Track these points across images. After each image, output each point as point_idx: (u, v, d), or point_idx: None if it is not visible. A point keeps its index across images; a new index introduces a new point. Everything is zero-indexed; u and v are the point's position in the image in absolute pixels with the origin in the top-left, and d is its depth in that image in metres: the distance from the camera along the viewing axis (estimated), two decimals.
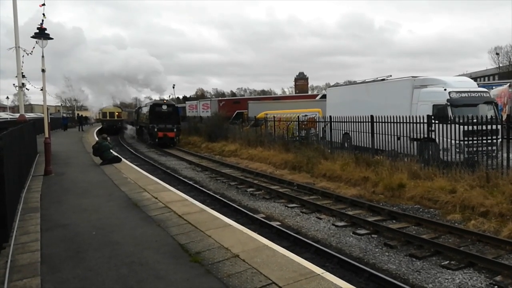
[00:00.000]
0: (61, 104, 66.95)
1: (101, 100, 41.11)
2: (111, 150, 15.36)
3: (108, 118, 43.76)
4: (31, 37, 12.44)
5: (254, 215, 9.28)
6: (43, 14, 12.43)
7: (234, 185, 13.41)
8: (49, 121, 14.64)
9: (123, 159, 15.69)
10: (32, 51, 13.13)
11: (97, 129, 39.89)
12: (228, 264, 4.89)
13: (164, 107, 27.69)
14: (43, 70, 12.95)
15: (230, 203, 10.54)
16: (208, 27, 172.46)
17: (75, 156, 17.58)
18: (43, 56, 12.77)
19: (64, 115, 53.86)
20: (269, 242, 5.69)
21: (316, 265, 4.97)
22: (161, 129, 26.80)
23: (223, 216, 7.22)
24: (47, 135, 13.41)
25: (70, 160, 15.84)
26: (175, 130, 27.43)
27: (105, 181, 11.11)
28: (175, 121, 27.76)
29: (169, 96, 28.65)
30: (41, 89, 13.52)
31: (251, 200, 11.22)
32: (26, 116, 16.33)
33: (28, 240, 5.97)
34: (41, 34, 12.31)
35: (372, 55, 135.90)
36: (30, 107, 76.37)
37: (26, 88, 18.34)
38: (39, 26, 12.26)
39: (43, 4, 12.47)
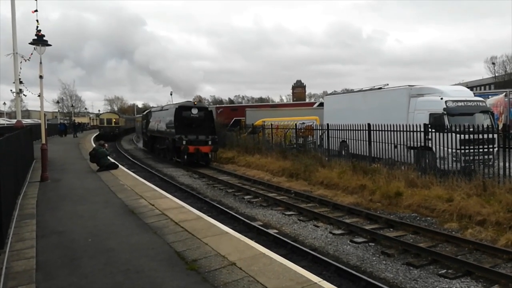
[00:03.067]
0: (58, 110, 66.95)
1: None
2: (108, 157, 15.31)
3: (105, 124, 43.72)
4: (29, 43, 12.47)
5: (251, 223, 9.25)
6: (37, 21, 12.48)
7: (231, 192, 13.38)
8: (46, 127, 14.60)
9: (120, 165, 15.65)
10: (30, 58, 13.17)
11: (94, 135, 39.79)
12: (224, 272, 4.86)
13: (195, 111, 20.42)
14: (40, 77, 12.96)
15: (227, 211, 10.50)
16: (196, 35, 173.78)
17: (72, 162, 17.51)
18: (41, 63, 12.79)
19: (62, 121, 53.72)
20: (266, 250, 5.67)
21: (313, 274, 4.95)
22: (192, 141, 19.66)
23: (220, 224, 7.19)
24: (43, 141, 13.37)
25: (66, 167, 15.77)
26: (210, 142, 20.21)
27: (101, 188, 11.06)
28: (209, 130, 20.70)
29: (167, 103, 26.12)
30: (39, 95, 13.52)
31: (248, 208, 11.18)
32: (23, 122, 16.30)
33: (23, 247, 5.92)
34: (39, 40, 12.33)
35: (364, 64, 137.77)
36: (27, 113, 76.29)
37: (24, 94, 18.38)
38: (37, 32, 12.29)
39: (36, 10, 12.53)
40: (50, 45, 12.68)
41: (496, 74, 56.91)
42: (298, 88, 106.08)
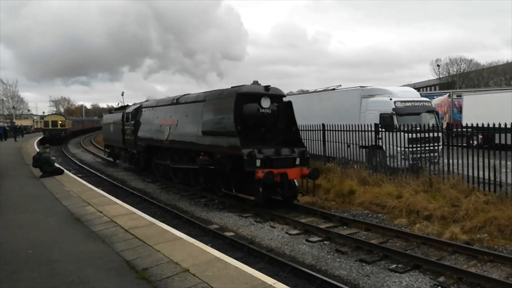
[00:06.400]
0: None
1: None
2: (52, 161, 14.42)
3: (50, 127, 41.16)
4: None
5: (207, 226, 9.06)
6: None
7: (186, 196, 13.06)
8: None
9: (65, 170, 14.80)
10: None
11: (38, 138, 37.45)
12: (177, 279, 4.67)
13: (266, 102, 10.79)
14: None
15: (182, 215, 10.21)
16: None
17: (12, 168, 16.29)
18: None
19: (1, 124, 50.10)
20: (221, 254, 5.54)
21: (269, 275, 4.91)
22: (272, 161, 10.14)
23: (174, 229, 6.96)
24: None
25: (6, 172, 14.63)
26: (299, 161, 10.67)
27: (45, 195, 10.36)
28: (292, 136, 11.44)
29: (118, 104, 23.18)
30: None
31: (204, 211, 10.95)
32: None
33: None
34: None
35: (313, 65, 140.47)
36: None
37: None
38: None
39: None
40: None
41: (441, 76, 60.47)
42: None
